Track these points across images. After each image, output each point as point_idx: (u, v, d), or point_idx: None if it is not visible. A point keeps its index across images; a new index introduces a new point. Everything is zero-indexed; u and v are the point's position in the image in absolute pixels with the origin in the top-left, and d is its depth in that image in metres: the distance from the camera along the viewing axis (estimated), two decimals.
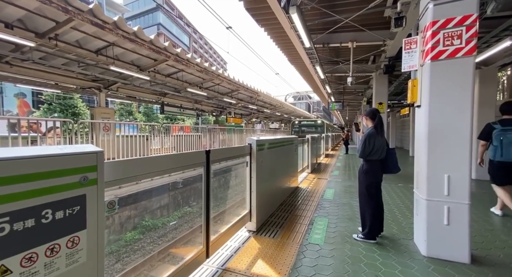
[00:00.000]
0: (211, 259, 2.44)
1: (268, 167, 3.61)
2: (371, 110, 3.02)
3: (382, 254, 2.61)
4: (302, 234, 3.09)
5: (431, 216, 2.55)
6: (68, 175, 1.01)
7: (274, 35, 7.83)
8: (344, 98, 15.20)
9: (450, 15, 2.42)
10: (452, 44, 2.42)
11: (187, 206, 7.68)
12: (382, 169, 2.95)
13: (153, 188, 6.59)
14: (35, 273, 0.90)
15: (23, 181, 0.87)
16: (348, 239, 2.98)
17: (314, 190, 5.47)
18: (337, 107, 13.00)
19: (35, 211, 0.90)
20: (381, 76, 9.42)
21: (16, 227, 0.85)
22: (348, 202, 4.53)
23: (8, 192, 0.83)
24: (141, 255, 5.10)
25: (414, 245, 2.82)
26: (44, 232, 0.93)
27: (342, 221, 3.58)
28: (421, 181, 2.69)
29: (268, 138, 3.84)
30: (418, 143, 2.83)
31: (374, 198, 2.90)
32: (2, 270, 0.82)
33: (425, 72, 2.62)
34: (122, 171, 1.43)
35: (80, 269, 1.06)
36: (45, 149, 1.02)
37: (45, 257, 0.93)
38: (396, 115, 21.05)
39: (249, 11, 6.12)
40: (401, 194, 5.11)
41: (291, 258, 2.52)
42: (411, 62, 2.85)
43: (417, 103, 2.80)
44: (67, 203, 1.01)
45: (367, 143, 2.82)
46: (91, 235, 1.09)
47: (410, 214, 3.83)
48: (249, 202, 3.19)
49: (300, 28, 5.18)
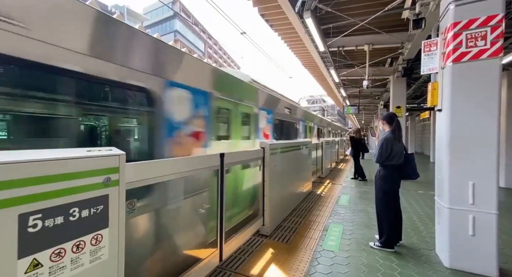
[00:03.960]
0: (224, 262, 2.46)
1: (281, 171, 3.60)
2: (388, 114, 2.94)
3: (400, 264, 2.50)
4: (316, 240, 3.03)
5: (454, 226, 2.41)
6: (93, 176, 1.08)
7: (288, 39, 7.86)
8: (359, 102, 14.84)
9: (473, 15, 2.32)
10: (476, 45, 2.31)
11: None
12: (400, 175, 2.84)
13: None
14: (62, 267, 0.96)
15: (54, 181, 0.94)
16: (364, 247, 2.89)
17: (328, 195, 5.36)
18: (353, 110, 12.69)
19: (64, 209, 0.97)
20: (399, 79, 9.13)
21: (47, 223, 0.92)
22: (364, 208, 4.39)
23: (41, 190, 0.90)
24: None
25: (436, 255, 2.67)
26: (71, 229, 0.99)
27: (358, 228, 3.47)
28: (443, 188, 2.56)
29: (281, 142, 3.84)
30: (439, 148, 2.70)
31: (391, 205, 2.80)
32: (34, 263, 0.88)
33: (446, 75, 2.52)
34: (141, 173, 1.49)
35: (102, 265, 1.11)
36: (73, 152, 1.09)
37: (72, 253, 0.99)
38: (416, 119, 20.23)
39: (263, 16, 6.21)
40: (421, 201, 4.88)
41: (305, 264, 2.48)
42: (431, 65, 2.75)
43: (437, 106, 2.69)
44: (92, 203, 1.07)
45: (384, 147, 2.74)
46: (112, 234, 1.14)
47: (431, 223, 3.64)
48: (262, 206, 3.19)
49: (314, 33, 5.18)
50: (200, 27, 47.99)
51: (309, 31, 5.54)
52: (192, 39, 44.30)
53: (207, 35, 51.11)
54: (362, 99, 15.70)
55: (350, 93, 14.01)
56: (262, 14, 6.10)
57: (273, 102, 4.83)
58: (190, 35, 44.47)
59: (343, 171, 9.19)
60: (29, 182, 0.87)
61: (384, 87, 12.24)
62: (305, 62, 10.21)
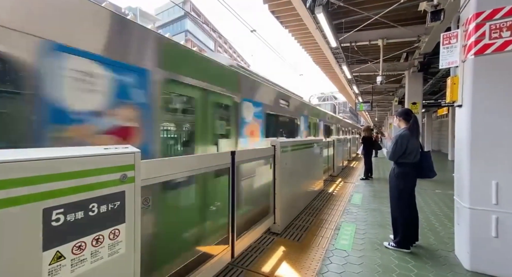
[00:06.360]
0: (235, 259, 2.48)
1: (292, 169, 3.57)
2: (405, 111, 2.84)
3: (417, 265, 2.43)
4: (328, 239, 2.99)
5: (476, 227, 2.31)
6: (111, 173, 1.11)
7: (299, 36, 7.76)
8: (373, 98, 14.44)
9: (497, 5, 2.19)
10: (501, 36, 2.18)
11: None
12: (416, 174, 2.75)
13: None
14: (83, 260, 1.01)
15: (75, 177, 0.98)
16: (378, 246, 2.82)
17: (340, 194, 5.28)
18: (365, 107, 12.34)
19: (84, 204, 1.01)
20: (414, 74, 8.80)
21: (69, 218, 0.96)
22: (378, 207, 4.29)
23: (63, 186, 0.94)
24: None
25: (455, 257, 2.57)
26: (91, 223, 1.03)
27: (372, 227, 3.39)
28: (463, 187, 2.45)
29: (292, 140, 3.80)
30: (459, 146, 2.58)
31: (407, 204, 2.71)
32: (58, 255, 0.93)
33: (467, 68, 2.39)
34: (155, 170, 1.53)
35: (120, 259, 1.15)
36: (91, 149, 1.13)
37: (92, 246, 1.03)
38: (432, 115, 19.47)
39: (274, 13, 6.15)
40: (438, 201, 4.70)
41: (317, 263, 2.46)
42: (450, 58, 2.63)
43: (457, 102, 2.57)
44: (110, 199, 1.10)
45: (399, 144, 2.65)
46: (129, 229, 1.18)
47: (449, 223, 3.50)
48: (273, 204, 3.19)
49: (326, 28, 5.08)
50: (210, 26, 48.31)
51: (320, 27, 5.44)
52: (202, 39, 44.68)
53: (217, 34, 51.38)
54: (375, 95, 15.27)
55: (362, 90, 13.67)
56: (272, 11, 6.05)
57: (264, 92, 4.05)
58: (201, 34, 44.87)
59: (355, 170, 9.01)
60: (52, 178, 0.91)
61: (398, 83, 11.84)
62: (316, 58, 10.05)
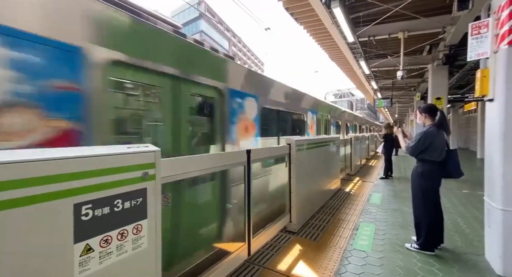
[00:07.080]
0: (252, 256, 2.50)
1: (308, 167, 3.53)
2: (430, 106, 2.69)
3: (442, 268, 2.31)
4: (346, 239, 2.93)
5: (509, 229, 2.14)
6: (133, 170, 1.16)
7: (314, 32, 7.60)
8: (392, 94, 13.82)
9: None
10: None
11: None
12: (441, 173, 2.60)
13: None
14: (110, 253, 1.07)
15: (101, 174, 1.04)
16: (399, 248, 2.71)
17: (358, 193, 5.13)
18: (385, 104, 11.78)
19: (109, 200, 1.07)
20: (439, 68, 8.30)
21: (97, 213, 1.02)
22: (399, 208, 4.12)
23: (91, 183, 1.00)
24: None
25: (486, 261, 2.41)
26: (116, 218, 1.09)
27: (392, 228, 3.27)
28: (495, 188, 2.28)
29: (308, 138, 3.75)
30: (490, 144, 2.41)
31: (430, 204, 2.57)
32: (87, 248, 0.99)
33: (500, 60, 2.22)
34: (174, 168, 1.58)
35: (143, 253, 1.20)
36: (115, 148, 1.20)
37: (117, 240, 1.09)
38: (459, 111, 18.29)
39: (288, 10, 6.08)
40: (466, 201, 4.42)
41: (334, 263, 2.42)
42: (480, 49, 2.45)
43: (488, 96, 2.39)
44: (133, 195, 1.16)
45: (422, 141, 2.52)
46: (151, 224, 1.23)
47: (479, 225, 3.28)
48: (288, 203, 3.17)
49: (342, 23, 4.93)
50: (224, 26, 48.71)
51: (337, 22, 5.29)
52: (217, 38, 45.21)
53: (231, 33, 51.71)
54: (395, 91, 14.61)
55: (382, 85, 13.15)
56: (286, 8, 5.97)
57: (260, 83, 3.57)
58: (215, 34, 45.42)
59: (374, 168, 8.70)
60: (82, 176, 0.97)
61: (421, 77, 11.25)
62: (332, 54, 9.81)
